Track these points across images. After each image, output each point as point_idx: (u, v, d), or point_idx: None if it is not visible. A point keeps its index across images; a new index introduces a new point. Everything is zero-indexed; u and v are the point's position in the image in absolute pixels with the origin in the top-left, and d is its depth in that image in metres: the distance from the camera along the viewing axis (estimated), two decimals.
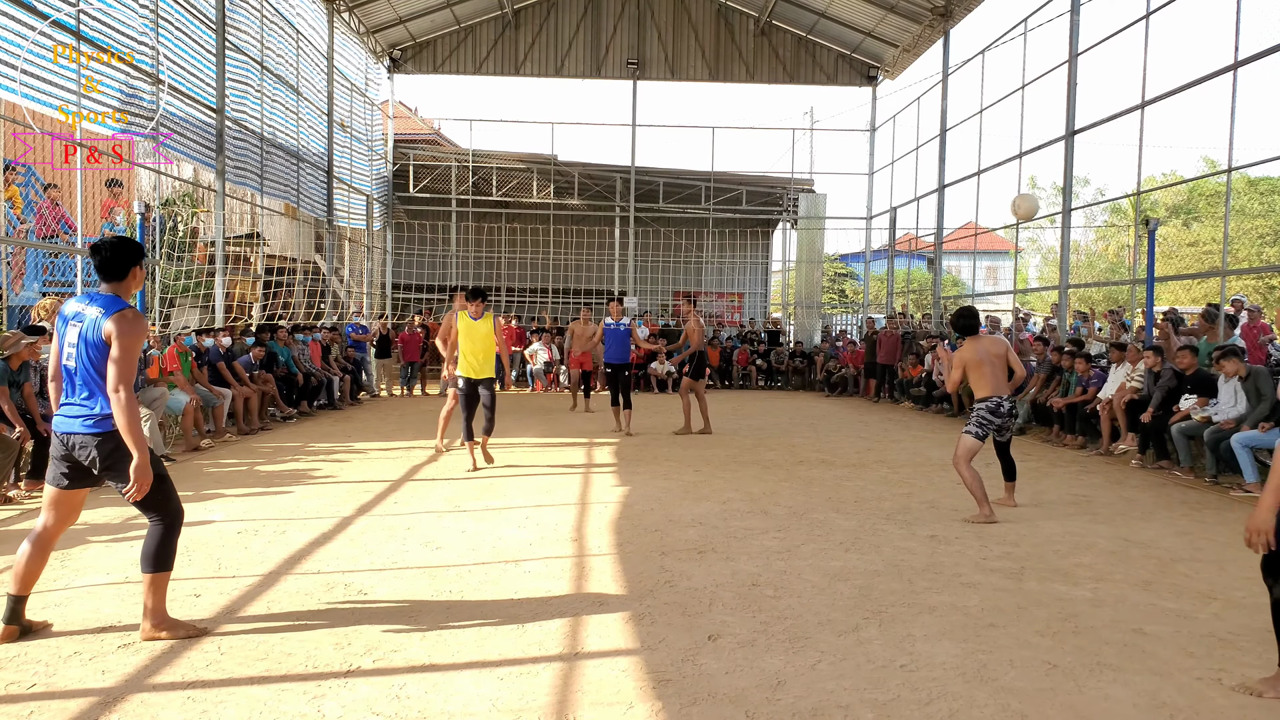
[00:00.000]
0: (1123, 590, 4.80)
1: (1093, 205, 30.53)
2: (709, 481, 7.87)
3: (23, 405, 7.08)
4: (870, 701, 3.33)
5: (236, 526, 5.93)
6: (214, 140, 12.48)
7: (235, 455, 9.13)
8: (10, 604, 3.82)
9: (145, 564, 3.79)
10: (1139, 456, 9.22)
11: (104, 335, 3.67)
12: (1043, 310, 24.17)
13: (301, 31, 15.94)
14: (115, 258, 3.83)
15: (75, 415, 3.74)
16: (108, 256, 3.82)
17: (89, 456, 3.73)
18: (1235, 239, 24.38)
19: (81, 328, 3.72)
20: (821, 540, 5.77)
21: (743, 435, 11.23)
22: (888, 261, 22.77)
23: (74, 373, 3.75)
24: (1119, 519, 6.65)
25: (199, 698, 3.28)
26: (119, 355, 3.63)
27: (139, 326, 3.71)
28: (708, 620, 4.19)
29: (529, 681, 3.47)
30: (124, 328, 3.65)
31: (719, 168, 22.65)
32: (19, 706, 3.19)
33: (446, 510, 6.58)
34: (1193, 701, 3.39)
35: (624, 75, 21.85)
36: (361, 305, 19.85)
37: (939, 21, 18.20)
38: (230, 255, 13.86)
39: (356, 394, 14.93)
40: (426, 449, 9.59)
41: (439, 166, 22.52)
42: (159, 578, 3.81)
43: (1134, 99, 12.13)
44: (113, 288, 3.84)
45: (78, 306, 3.80)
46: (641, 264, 22.54)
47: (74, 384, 3.76)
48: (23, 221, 13.03)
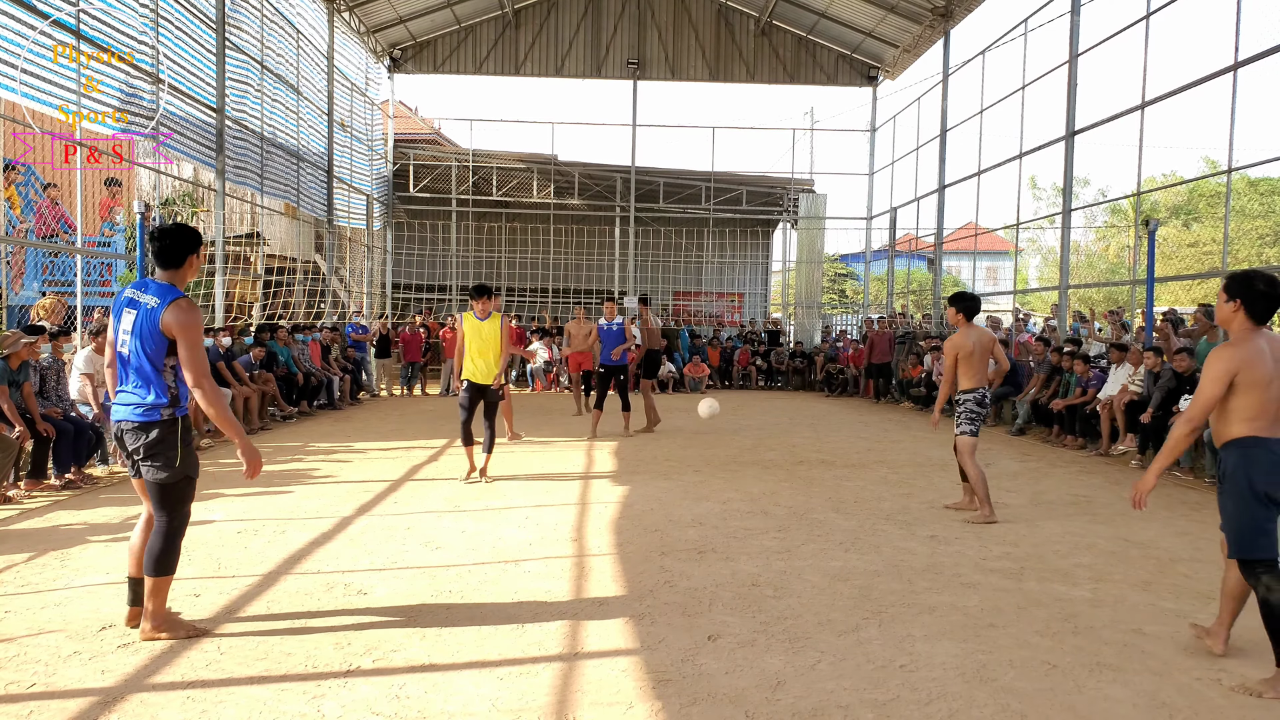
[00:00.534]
0: (1122, 590, 4.80)
1: (1093, 206, 30.53)
2: (709, 481, 7.87)
3: (23, 405, 7.07)
4: (870, 701, 3.33)
5: (236, 526, 5.93)
6: (214, 140, 12.48)
7: (235, 455, 9.10)
8: (131, 586, 3.95)
9: (149, 567, 3.80)
10: (1139, 457, 9.22)
11: (161, 326, 3.68)
12: (1043, 311, 24.16)
13: (302, 31, 15.94)
14: (173, 245, 3.82)
15: (126, 403, 3.79)
16: (166, 244, 3.82)
17: (133, 443, 3.77)
18: (1235, 239, 24.37)
19: (136, 315, 3.73)
20: (821, 540, 5.77)
21: (743, 435, 11.23)
22: (888, 262, 22.77)
23: (127, 360, 3.78)
24: (1119, 519, 6.65)
25: (199, 698, 3.28)
26: (188, 351, 3.67)
27: (197, 316, 3.75)
28: (708, 620, 4.19)
29: (529, 681, 3.47)
30: (184, 320, 3.68)
31: (719, 168, 22.66)
32: (19, 706, 3.19)
33: (446, 510, 6.58)
34: (1193, 701, 3.40)
35: (624, 75, 21.85)
36: (361, 305, 19.85)
37: (939, 22, 18.20)
38: (230, 255, 13.85)
39: (356, 394, 14.93)
40: (427, 449, 9.60)
41: (439, 166, 22.52)
42: (161, 581, 3.82)
43: (1134, 99, 12.15)
44: (169, 275, 3.85)
45: (133, 293, 3.82)
46: (641, 264, 22.54)
47: (127, 371, 3.80)
48: (22, 221, 13.03)
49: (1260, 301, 3.60)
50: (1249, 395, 3.55)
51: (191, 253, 3.87)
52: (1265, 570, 3.51)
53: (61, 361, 7.91)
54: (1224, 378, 3.57)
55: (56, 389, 7.72)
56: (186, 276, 3.90)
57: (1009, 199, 13.93)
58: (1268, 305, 3.61)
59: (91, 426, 7.73)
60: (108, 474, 7.88)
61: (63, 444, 7.27)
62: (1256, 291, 3.60)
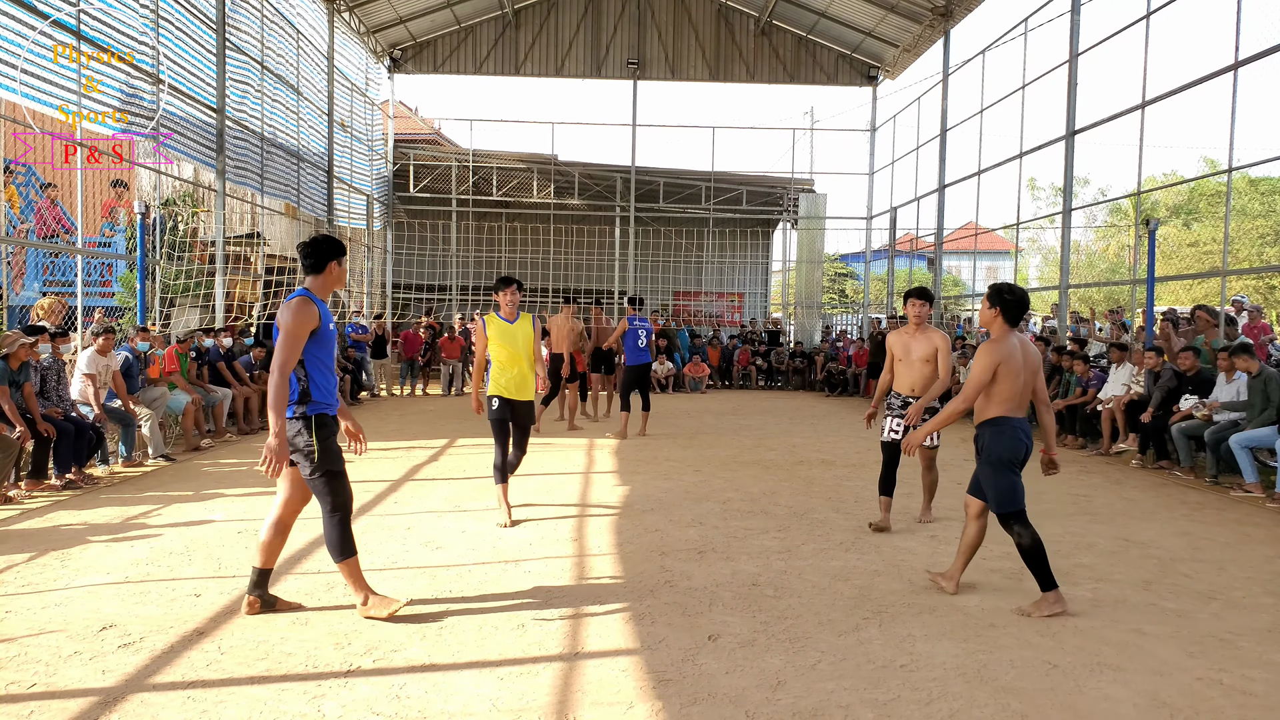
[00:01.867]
0: (1123, 590, 4.81)
1: (1093, 205, 30.53)
2: (709, 481, 7.87)
3: (23, 405, 7.07)
4: (870, 701, 3.33)
5: (236, 526, 5.93)
6: (214, 140, 12.48)
7: (235, 455, 9.13)
8: (255, 575, 4.18)
9: (332, 555, 4.11)
10: (1139, 457, 9.22)
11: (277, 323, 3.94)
12: (1043, 310, 24.16)
13: (302, 31, 15.94)
14: (315, 252, 4.10)
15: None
16: (309, 252, 4.10)
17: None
18: (1236, 239, 24.37)
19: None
20: (821, 540, 5.77)
21: (743, 435, 11.23)
22: (888, 261, 22.77)
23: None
24: (1119, 519, 6.65)
25: (199, 698, 3.28)
26: (279, 339, 3.89)
27: (295, 312, 3.91)
28: (708, 620, 4.19)
29: (529, 681, 3.47)
30: (283, 314, 3.93)
31: (719, 168, 22.65)
32: (19, 706, 3.19)
33: (446, 510, 6.58)
34: (1193, 701, 3.40)
35: (624, 75, 21.84)
36: (361, 305, 19.85)
37: (939, 21, 18.20)
38: (230, 255, 13.84)
39: (357, 394, 14.93)
40: (427, 449, 9.59)
41: (439, 166, 22.52)
42: (346, 564, 4.10)
43: (1134, 99, 12.14)
44: (311, 281, 4.12)
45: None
46: (641, 264, 22.53)
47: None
48: (23, 221, 13.04)
49: (1013, 308, 4.40)
50: (1005, 383, 4.33)
51: (332, 259, 4.12)
52: (1015, 520, 4.36)
53: (62, 362, 7.91)
54: (991, 368, 4.33)
55: (57, 389, 7.72)
56: (329, 282, 4.15)
57: (1009, 199, 14.06)
58: (1018, 310, 4.41)
59: (92, 427, 7.73)
60: (108, 474, 7.89)
61: (63, 444, 7.27)
62: (1010, 300, 4.39)
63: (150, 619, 4.11)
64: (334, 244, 4.17)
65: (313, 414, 4.00)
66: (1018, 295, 4.40)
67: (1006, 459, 4.35)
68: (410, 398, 16.16)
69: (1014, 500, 4.37)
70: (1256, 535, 6.23)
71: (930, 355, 5.90)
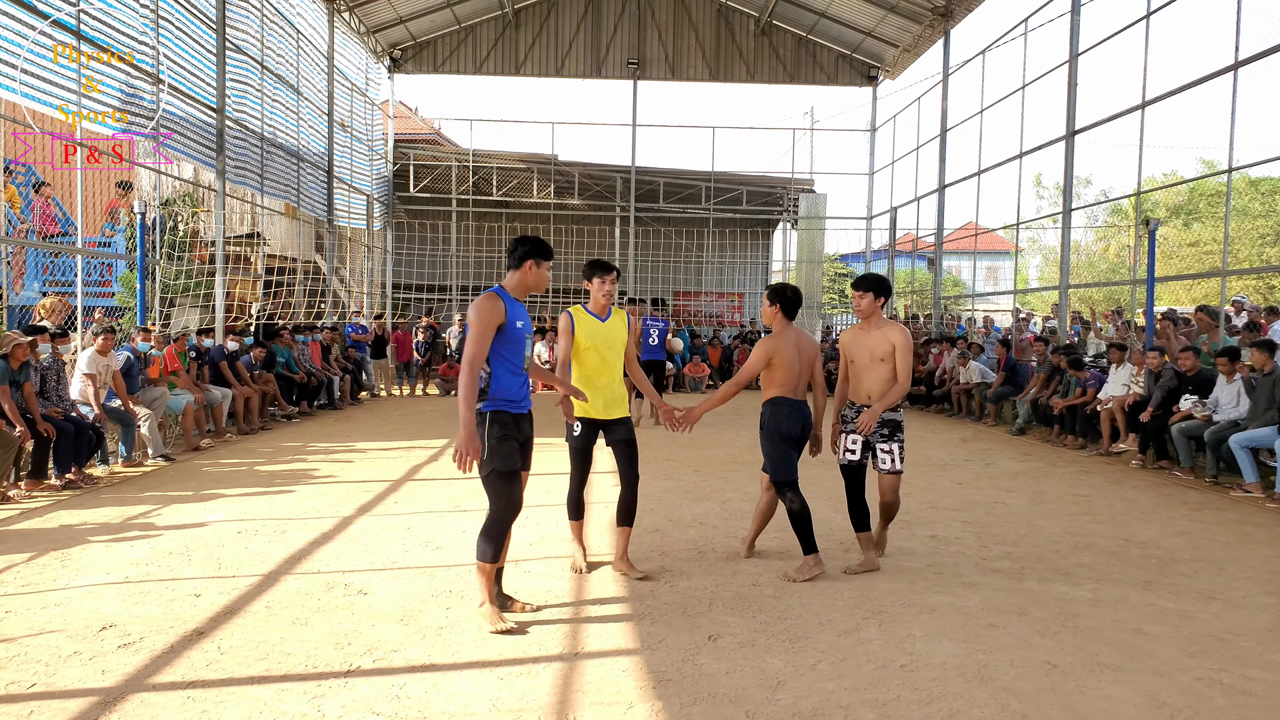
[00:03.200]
0: (1123, 590, 4.80)
1: (1093, 205, 30.53)
2: (709, 481, 7.87)
3: (23, 405, 7.07)
4: (870, 701, 3.33)
5: (236, 526, 5.93)
6: (214, 140, 12.48)
7: (235, 455, 9.13)
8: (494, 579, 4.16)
9: (477, 553, 4.05)
10: (1139, 457, 9.21)
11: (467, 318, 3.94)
12: (1043, 310, 24.15)
13: (302, 31, 15.94)
14: (517, 247, 4.13)
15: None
16: (513, 246, 4.14)
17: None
18: (1236, 239, 24.37)
19: None
20: (821, 540, 5.75)
21: (743, 435, 11.22)
22: (888, 262, 22.77)
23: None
24: (1119, 519, 6.65)
25: (199, 698, 3.28)
26: (468, 334, 3.91)
27: (479, 307, 3.91)
28: (708, 620, 4.19)
29: (529, 681, 3.47)
30: (470, 310, 3.96)
31: (719, 168, 22.65)
32: (19, 706, 3.19)
33: (446, 510, 6.58)
34: (1193, 701, 3.39)
35: (624, 75, 21.85)
36: (362, 305, 19.85)
37: (939, 21, 18.20)
38: (230, 255, 13.85)
39: (357, 394, 14.93)
40: (427, 449, 9.59)
41: (439, 166, 22.52)
42: (480, 567, 4.06)
43: (1134, 99, 12.14)
44: (508, 277, 4.14)
45: None
46: (642, 264, 22.53)
47: None
48: (23, 221, 13.04)
49: (789, 305, 5.07)
50: (779, 370, 4.97)
51: (531, 258, 4.09)
52: (788, 488, 4.90)
53: (62, 362, 7.91)
54: (765, 358, 5.00)
55: (57, 389, 7.72)
56: (524, 280, 4.12)
57: (1009, 199, 14.05)
58: (794, 306, 5.09)
59: (92, 426, 7.73)
60: (108, 474, 7.89)
61: (63, 444, 7.27)
62: (786, 298, 5.07)
63: (150, 619, 4.10)
64: (538, 244, 4.12)
65: (487, 410, 3.95)
66: (793, 294, 5.10)
67: (783, 432, 4.95)
68: (410, 398, 16.16)
69: (787, 470, 4.95)
70: (1256, 535, 6.22)
71: (887, 353, 5.01)
